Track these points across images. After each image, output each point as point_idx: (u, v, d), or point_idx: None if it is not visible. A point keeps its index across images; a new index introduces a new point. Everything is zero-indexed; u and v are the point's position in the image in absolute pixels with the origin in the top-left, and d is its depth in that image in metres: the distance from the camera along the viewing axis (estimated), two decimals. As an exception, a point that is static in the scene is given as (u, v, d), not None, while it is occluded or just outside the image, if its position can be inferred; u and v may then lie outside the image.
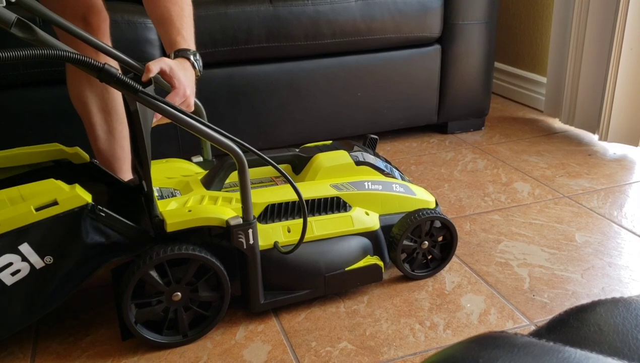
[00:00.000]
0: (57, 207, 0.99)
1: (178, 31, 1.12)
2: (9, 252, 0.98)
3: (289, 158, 1.28)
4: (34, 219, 0.98)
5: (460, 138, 2.14)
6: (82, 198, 1.01)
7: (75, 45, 1.16)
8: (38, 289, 1.02)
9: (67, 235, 1.01)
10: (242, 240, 1.07)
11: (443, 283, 1.28)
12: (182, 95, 1.04)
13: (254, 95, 1.82)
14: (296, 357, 1.07)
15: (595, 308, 0.40)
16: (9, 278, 0.99)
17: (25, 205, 0.98)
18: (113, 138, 1.38)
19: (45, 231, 0.99)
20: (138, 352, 1.10)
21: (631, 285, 1.26)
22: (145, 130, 1.01)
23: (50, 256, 1.01)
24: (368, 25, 1.86)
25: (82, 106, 1.35)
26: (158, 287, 1.05)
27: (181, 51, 1.10)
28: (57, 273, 1.02)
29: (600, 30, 1.95)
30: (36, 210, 0.98)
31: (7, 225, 0.96)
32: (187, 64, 1.09)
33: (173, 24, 1.12)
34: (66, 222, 1.00)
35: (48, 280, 1.02)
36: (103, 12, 1.30)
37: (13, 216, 0.97)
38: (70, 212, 1.00)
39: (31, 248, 0.99)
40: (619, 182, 1.76)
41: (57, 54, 0.87)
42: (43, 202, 0.99)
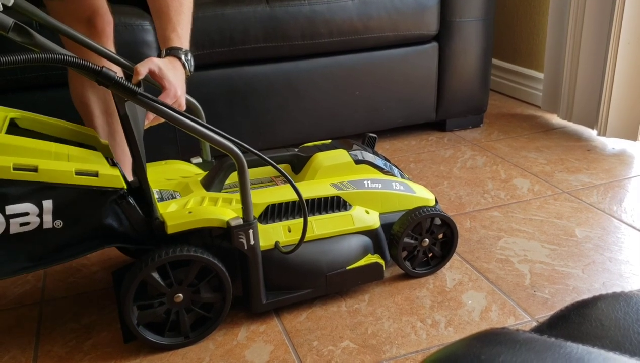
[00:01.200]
0: (96, 179, 1.00)
1: (173, 28, 1.11)
2: (32, 202, 0.97)
3: (288, 158, 1.28)
4: (70, 181, 0.98)
5: (458, 135, 2.14)
6: (121, 181, 1.02)
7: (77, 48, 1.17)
8: (34, 247, 1.01)
9: (89, 208, 1.01)
10: (243, 240, 1.07)
11: (444, 280, 1.28)
12: (172, 96, 1.04)
13: (252, 95, 1.82)
14: (298, 356, 1.08)
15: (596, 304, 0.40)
16: (15, 227, 0.98)
17: (68, 164, 0.98)
18: (114, 140, 1.38)
19: (73, 196, 0.99)
20: (140, 354, 1.10)
21: (632, 279, 1.27)
22: (138, 133, 1.01)
23: (62, 221, 1.00)
24: (365, 24, 1.86)
25: (84, 108, 1.35)
26: (160, 289, 1.05)
27: (173, 50, 1.09)
28: (60, 238, 1.02)
29: (597, 25, 1.95)
30: (76, 174, 0.98)
31: (44, 175, 0.96)
32: (178, 63, 1.08)
33: (169, 20, 1.11)
34: (95, 197, 1.01)
35: (47, 243, 1.01)
36: (107, 15, 1.29)
37: (54, 169, 0.96)
38: (104, 188, 1.01)
39: (52, 206, 0.98)
40: (618, 176, 1.76)
41: (55, 57, 0.87)
42: (86, 169, 0.99)
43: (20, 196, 0.95)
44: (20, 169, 0.94)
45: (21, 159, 0.95)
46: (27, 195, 0.96)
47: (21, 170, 0.94)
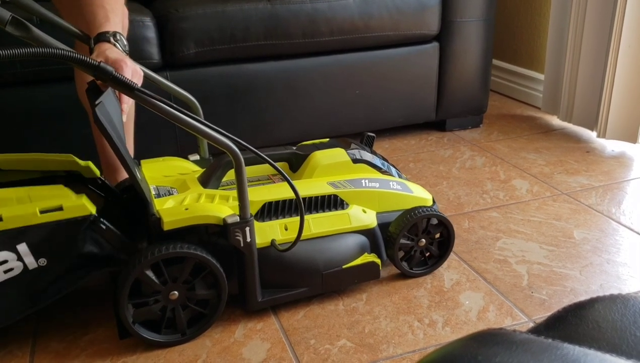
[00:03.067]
0: (61, 212, 1.01)
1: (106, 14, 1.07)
2: (6, 250, 0.98)
3: (286, 156, 1.28)
4: (37, 221, 0.99)
5: (458, 135, 2.14)
6: (87, 208, 1.03)
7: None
8: (26, 289, 1.02)
9: (65, 241, 1.02)
10: (239, 238, 1.07)
11: (442, 280, 1.28)
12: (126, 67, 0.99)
13: (252, 93, 1.82)
14: (295, 354, 1.07)
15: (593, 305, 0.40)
16: (0, 275, 0.99)
17: (31, 206, 0.99)
18: None
19: (45, 234, 1.00)
20: (137, 350, 1.09)
21: (629, 282, 1.26)
22: (116, 133, 0.99)
23: (45, 259, 1.02)
24: (366, 23, 1.86)
25: None
26: (154, 286, 1.05)
27: (99, 36, 1.04)
28: (47, 275, 1.03)
29: (598, 27, 1.95)
30: (41, 213, 0.99)
31: (10, 222, 0.97)
32: (106, 45, 1.03)
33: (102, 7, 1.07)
34: (67, 229, 1.02)
35: (38, 282, 1.03)
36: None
37: (18, 215, 0.98)
38: (73, 219, 1.02)
39: (28, 248, 1.00)
40: (617, 179, 1.76)
41: (53, 52, 0.86)
42: (49, 205, 1.00)
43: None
44: None
45: None
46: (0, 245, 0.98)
47: None
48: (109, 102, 1.00)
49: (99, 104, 0.94)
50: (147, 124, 1.66)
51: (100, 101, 0.95)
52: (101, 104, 0.95)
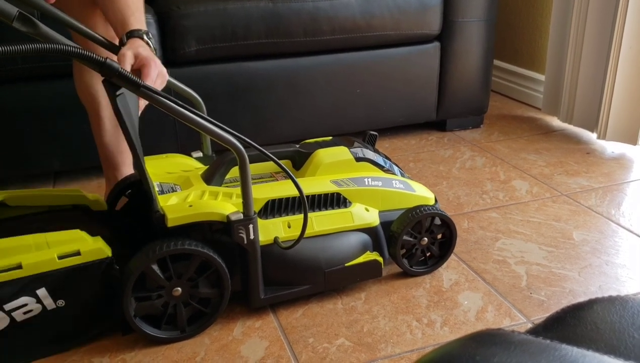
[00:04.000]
0: (79, 257, 1.03)
1: (132, 12, 1.10)
2: (26, 295, 1.01)
3: (289, 154, 1.28)
4: (55, 267, 1.02)
5: (458, 135, 2.14)
6: (104, 252, 1.05)
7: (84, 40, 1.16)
8: (47, 328, 1.05)
9: (82, 284, 1.05)
10: (243, 235, 1.08)
11: (441, 280, 1.29)
12: (154, 67, 1.02)
13: (253, 91, 1.82)
14: (293, 353, 1.08)
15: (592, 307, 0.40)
16: (20, 316, 1.02)
17: (49, 252, 1.02)
18: (119, 131, 1.38)
19: (63, 278, 1.03)
20: (136, 347, 1.10)
21: (628, 283, 1.27)
22: (132, 127, 1.01)
23: (63, 300, 1.05)
24: (367, 22, 1.86)
25: (91, 99, 1.35)
26: (159, 282, 1.06)
27: (134, 32, 1.07)
28: (68, 315, 1.06)
29: (599, 28, 1.95)
30: (59, 258, 1.02)
31: (30, 269, 1.00)
32: (140, 42, 1.06)
33: (127, 5, 1.10)
34: (85, 272, 1.04)
35: (59, 321, 1.06)
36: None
37: (37, 261, 1.00)
38: (90, 263, 1.04)
39: (47, 292, 1.02)
40: (617, 180, 1.76)
41: (59, 48, 0.86)
42: (66, 251, 1.03)
43: (13, 294, 1.00)
44: (5, 269, 0.99)
45: (3, 261, 0.99)
46: (19, 291, 1.00)
47: (6, 271, 0.99)
48: (129, 94, 1.01)
49: (120, 95, 0.95)
50: (149, 121, 1.66)
51: (122, 92, 0.96)
52: (122, 95, 0.96)
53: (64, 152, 1.70)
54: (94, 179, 1.81)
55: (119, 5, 1.11)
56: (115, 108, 0.96)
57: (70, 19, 1.12)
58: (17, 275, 0.99)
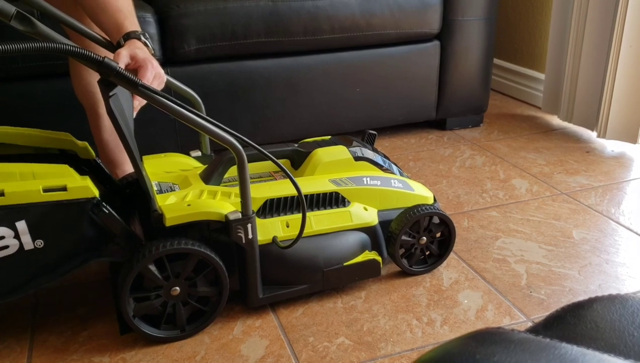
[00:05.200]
0: (65, 193, 0.99)
1: (125, 16, 1.10)
2: (4, 226, 0.96)
3: (288, 153, 1.28)
4: (39, 199, 0.97)
5: (458, 134, 2.14)
6: (91, 191, 1.01)
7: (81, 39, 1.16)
8: (20, 270, 1.01)
9: (64, 223, 1.01)
10: (241, 234, 1.07)
11: (440, 279, 1.28)
12: (151, 68, 1.01)
13: (253, 90, 1.82)
14: (294, 352, 1.08)
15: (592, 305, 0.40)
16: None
17: (34, 183, 0.97)
18: None
19: (45, 214, 0.98)
20: (136, 346, 1.10)
21: (628, 282, 1.27)
22: (127, 127, 1.00)
23: (42, 240, 1.00)
24: (367, 21, 1.86)
25: (90, 96, 1.35)
26: (157, 282, 1.06)
27: (130, 34, 1.07)
28: (42, 258, 1.01)
29: (599, 27, 1.95)
30: (44, 191, 0.97)
31: (12, 198, 0.95)
32: (138, 43, 1.06)
33: (119, 10, 1.10)
34: (68, 210, 1.00)
35: (32, 264, 1.01)
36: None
37: (20, 191, 0.96)
38: (75, 201, 1.00)
39: (27, 227, 0.98)
40: (617, 179, 1.76)
41: (57, 47, 0.86)
42: (53, 184, 0.98)
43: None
44: None
45: None
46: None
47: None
48: (122, 95, 1.01)
49: (113, 95, 0.95)
50: (147, 120, 1.66)
51: (115, 93, 0.95)
52: (115, 96, 0.96)
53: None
54: (93, 178, 1.80)
55: (111, 12, 1.10)
56: (108, 109, 0.95)
57: (69, 18, 1.12)
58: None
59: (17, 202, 0.96)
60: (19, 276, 1.01)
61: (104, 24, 1.11)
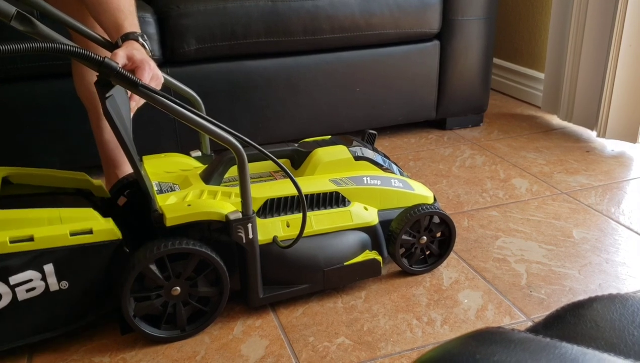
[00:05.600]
0: (91, 236, 1.02)
1: (126, 16, 1.10)
2: (33, 269, 1.00)
3: (288, 153, 1.28)
4: (67, 243, 1.01)
5: (458, 134, 2.14)
6: (115, 233, 1.04)
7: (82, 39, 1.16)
8: (46, 310, 1.04)
9: (90, 265, 1.04)
10: (242, 234, 1.07)
11: (441, 279, 1.29)
12: (148, 69, 1.01)
13: (253, 90, 1.82)
14: (294, 352, 1.08)
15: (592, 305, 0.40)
16: (22, 293, 1.01)
17: (62, 227, 1.01)
18: None
19: (72, 256, 1.02)
20: (136, 346, 1.10)
21: (628, 281, 1.27)
22: (124, 128, 1.00)
23: (67, 281, 1.03)
24: (367, 21, 1.86)
25: (92, 96, 1.35)
26: (158, 281, 1.06)
27: (128, 35, 1.07)
28: (69, 298, 1.05)
29: (599, 26, 1.95)
30: (71, 235, 1.01)
31: (41, 242, 0.99)
32: (136, 44, 1.06)
33: (120, 10, 1.10)
34: (93, 252, 1.03)
35: (58, 304, 1.04)
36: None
37: (49, 235, 0.99)
38: (101, 243, 1.03)
39: (54, 269, 1.01)
40: (617, 178, 1.76)
41: (57, 47, 0.86)
42: (79, 228, 1.02)
43: (21, 266, 0.99)
44: (16, 241, 0.98)
45: (16, 231, 0.98)
46: (27, 263, 0.99)
47: (18, 241, 0.98)
48: (119, 97, 1.01)
49: (109, 97, 0.95)
50: (147, 120, 1.66)
51: (111, 94, 0.95)
52: (112, 97, 0.96)
53: (64, 151, 1.70)
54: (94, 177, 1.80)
55: (111, 10, 1.10)
56: (105, 110, 0.95)
57: (69, 18, 1.12)
58: (27, 247, 0.98)
59: (46, 247, 0.99)
60: (45, 317, 1.05)
61: (104, 23, 1.11)
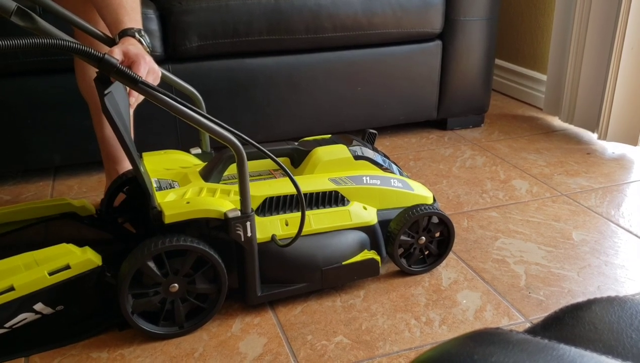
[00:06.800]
0: (69, 271, 1.04)
1: (126, 12, 1.10)
2: (24, 312, 1.02)
3: (287, 151, 1.28)
4: (47, 283, 1.02)
5: (459, 134, 2.14)
6: (93, 262, 1.06)
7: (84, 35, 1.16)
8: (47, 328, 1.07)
9: (78, 294, 1.06)
10: (240, 232, 1.07)
11: (439, 279, 1.28)
12: (144, 63, 1.01)
13: (254, 88, 1.82)
14: (292, 350, 1.08)
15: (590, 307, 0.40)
16: (22, 323, 1.04)
17: (39, 270, 1.02)
18: None
19: (57, 290, 1.04)
20: (134, 342, 1.10)
21: (627, 284, 1.27)
22: (123, 125, 1.00)
23: (62, 305, 1.06)
24: (369, 20, 1.85)
25: (94, 92, 1.34)
26: (155, 278, 1.06)
27: (126, 30, 1.07)
28: (68, 316, 1.07)
29: (601, 28, 1.95)
30: (49, 275, 1.02)
31: (23, 289, 1.01)
32: (132, 40, 1.06)
33: (122, 6, 1.10)
34: (77, 283, 1.05)
35: (58, 322, 1.07)
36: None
37: (28, 281, 1.01)
38: (81, 275, 1.05)
39: (44, 305, 1.04)
40: (617, 181, 1.76)
41: (57, 43, 0.86)
42: (56, 266, 1.03)
43: (11, 314, 1.01)
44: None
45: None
46: (17, 310, 1.02)
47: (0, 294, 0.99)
48: (118, 93, 1.00)
49: (108, 93, 0.95)
50: (148, 116, 1.66)
51: (110, 91, 0.95)
52: (110, 94, 0.96)
53: (65, 147, 1.70)
54: (94, 173, 1.81)
55: (113, 6, 1.10)
56: (103, 107, 0.95)
57: (71, 15, 1.12)
58: (11, 297, 1.00)
59: (28, 292, 1.01)
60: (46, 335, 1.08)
61: (107, 18, 1.12)
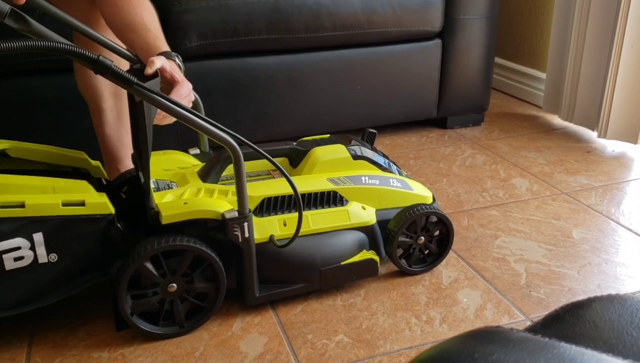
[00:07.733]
0: (82, 208, 1.02)
1: (156, 36, 1.12)
2: (22, 236, 0.99)
3: (286, 151, 1.28)
4: (57, 213, 1.00)
5: (459, 133, 2.14)
6: (108, 207, 1.04)
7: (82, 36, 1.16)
8: (32, 283, 1.03)
9: (79, 239, 1.03)
10: (238, 233, 1.07)
11: (440, 277, 1.28)
12: (187, 90, 1.05)
13: (254, 87, 1.82)
14: (292, 349, 1.08)
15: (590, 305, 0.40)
16: (10, 262, 0.99)
17: (54, 197, 1.00)
18: (121, 123, 1.38)
19: (62, 227, 1.01)
20: (135, 342, 1.10)
21: (627, 282, 1.27)
22: (149, 122, 1.01)
23: (56, 254, 1.02)
24: (369, 19, 1.85)
25: (94, 90, 1.35)
26: (153, 279, 1.05)
27: (165, 54, 1.09)
28: (56, 272, 1.04)
29: (601, 27, 1.94)
30: (63, 205, 1.00)
31: (32, 210, 0.98)
32: (174, 65, 1.09)
33: (149, 30, 1.12)
34: (84, 225, 1.03)
35: (45, 277, 1.03)
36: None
37: (40, 203, 0.98)
38: (92, 216, 1.03)
39: (43, 239, 1.00)
40: (617, 179, 1.76)
41: (51, 45, 0.86)
42: (71, 199, 1.01)
43: (10, 232, 0.98)
44: (7, 206, 0.97)
45: (7, 197, 0.97)
46: (16, 230, 0.98)
47: (8, 207, 0.97)
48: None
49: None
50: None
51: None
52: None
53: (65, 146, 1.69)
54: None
55: (139, 31, 1.12)
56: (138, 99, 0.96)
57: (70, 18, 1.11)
58: (18, 213, 0.97)
59: (36, 214, 0.99)
60: (32, 288, 1.04)
61: (134, 42, 1.12)
